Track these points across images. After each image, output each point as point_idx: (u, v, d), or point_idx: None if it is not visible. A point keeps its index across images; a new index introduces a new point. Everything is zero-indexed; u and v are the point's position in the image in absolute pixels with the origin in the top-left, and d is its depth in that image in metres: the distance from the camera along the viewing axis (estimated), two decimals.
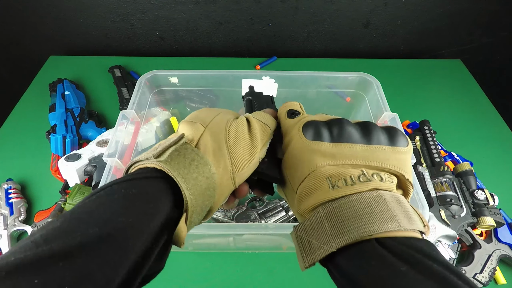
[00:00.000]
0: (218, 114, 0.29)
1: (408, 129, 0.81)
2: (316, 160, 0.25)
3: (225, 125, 0.28)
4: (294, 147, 0.27)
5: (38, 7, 0.93)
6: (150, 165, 0.23)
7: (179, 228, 0.22)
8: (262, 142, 0.28)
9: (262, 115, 0.31)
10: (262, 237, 0.56)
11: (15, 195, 0.66)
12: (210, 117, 0.28)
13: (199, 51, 1.07)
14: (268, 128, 0.30)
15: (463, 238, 0.59)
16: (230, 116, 0.29)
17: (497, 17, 0.96)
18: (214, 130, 0.27)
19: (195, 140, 0.26)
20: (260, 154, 0.28)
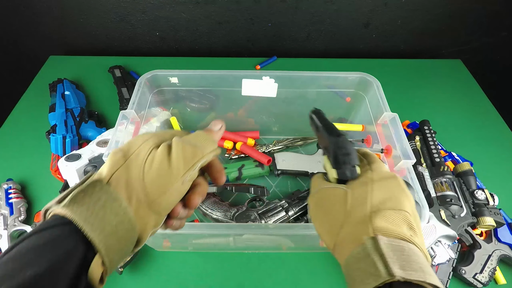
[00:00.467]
0: (145, 142, 0.29)
1: (408, 129, 0.81)
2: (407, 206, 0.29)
3: (145, 154, 0.28)
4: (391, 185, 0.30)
5: (38, 7, 0.93)
6: (55, 211, 0.24)
7: (91, 270, 0.23)
8: (186, 166, 0.28)
9: (195, 138, 0.31)
10: (262, 237, 0.56)
11: (15, 195, 0.66)
12: (135, 146, 0.29)
13: (199, 51, 1.07)
14: (198, 150, 0.30)
15: (463, 238, 0.59)
16: (153, 143, 0.29)
17: (497, 17, 0.96)
18: (132, 163, 0.27)
19: (107, 177, 0.26)
20: (184, 177, 0.28)
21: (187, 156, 0.29)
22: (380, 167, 0.33)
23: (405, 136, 0.53)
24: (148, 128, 0.66)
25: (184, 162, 0.28)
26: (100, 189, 0.25)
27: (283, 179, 0.73)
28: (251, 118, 0.78)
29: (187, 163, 0.29)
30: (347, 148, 0.32)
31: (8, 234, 0.61)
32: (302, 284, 0.58)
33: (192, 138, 0.31)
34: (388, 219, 0.27)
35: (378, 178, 0.30)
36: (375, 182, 0.30)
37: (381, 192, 0.29)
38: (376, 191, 0.29)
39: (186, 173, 0.28)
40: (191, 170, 0.29)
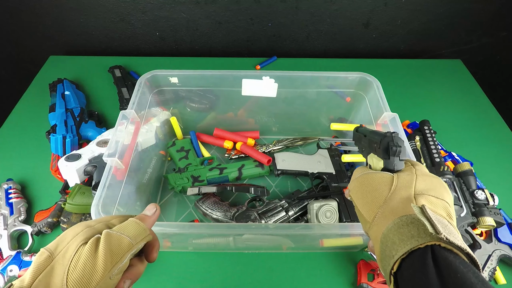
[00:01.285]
0: (74, 237, 0.29)
1: (408, 129, 0.81)
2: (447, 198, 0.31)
3: (72, 253, 0.28)
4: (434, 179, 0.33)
5: (38, 7, 0.93)
6: None
7: None
8: (114, 260, 0.28)
9: (125, 228, 0.31)
10: (262, 237, 0.56)
11: (15, 195, 0.66)
12: (64, 243, 0.28)
13: (199, 51, 1.07)
14: (127, 242, 0.30)
15: (463, 238, 0.59)
16: (83, 238, 0.29)
17: (497, 17, 0.96)
18: (58, 263, 0.27)
19: (29, 283, 0.26)
20: (112, 272, 0.28)
21: (115, 250, 0.28)
22: (423, 168, 0.36)
23: (405, 136, 0.53)
24: (148, 128, 0.66)
25: (111, 256, 0.28)
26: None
27: (283, 179, 0.73)
28: (251, 118, 0.78)
29: (115, 257, 0.28)
30: (399, 143, 0.36)
31: (8, 234, 0.61)
32: (302, 284, 0.58)
33: (122, 229, 0.31)
34: (431, 203, 0.30)
35: (422, 173, 0.33)
36: (420, 176, 0.33)
37: (425, 183, 0.32)
38: (420, 181, 0.32)
39: (113, 268, 0.28)
40: (119, 263, 0.29)
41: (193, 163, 0.72)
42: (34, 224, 0.63)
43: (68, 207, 0.61)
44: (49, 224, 0.62)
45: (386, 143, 0.36)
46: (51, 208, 0.65)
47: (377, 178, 0.34)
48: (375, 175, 0.35)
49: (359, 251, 0.63)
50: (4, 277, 0.56)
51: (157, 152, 0.72)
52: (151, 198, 0.66)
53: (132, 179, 0.56)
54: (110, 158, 0.50)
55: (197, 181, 0.69)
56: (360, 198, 0.35)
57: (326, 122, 0.78)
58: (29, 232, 0.62)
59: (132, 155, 0.57)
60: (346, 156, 0.60)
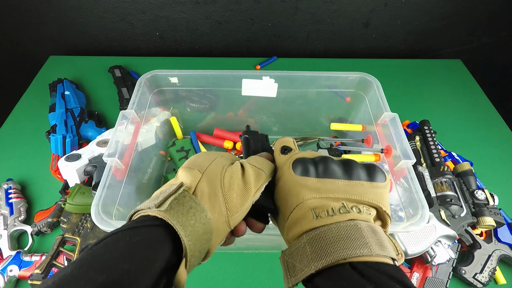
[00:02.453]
0: (215, 159, 0.31)
1: (408, 129, 0.81)
2: (303, 193, 0.28)
3: (221, 171, 0.30)
4: (285, 181, 0.30)
5: (38, 7, 0.93)
6: (152, 213, 0.25)
7: (179, 273, 0.24)
8: (255, 187, 0.30)
9: (257, 160, 0.33)
10: (262, 237, 0.56)
11: (15, 195, 0.66)
12: (207, 162, 0.31)
13: (199, 51, 1.07)
14: (263, 173, 0.32)
15: (463, 238, 0.59)
16: (226, 162, 0.31)
17: (497, 17, 0.96)
18: (210, 177, 0.29)
19: (192, 187, 0.28)
20: (254, 198, 0.30)
21: (257, 178, 0.31)
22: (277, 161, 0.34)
23: (405, 136, 0.53)
24: (148, 128, 0.66)
25: (255, 183, 0.30)
26: (190, 199, 0.27)
27: None
28: (251, 118, 0.78)
29: (257, 183, 0.30)
30: None
31: (8, 234, 0.61)
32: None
33: (256, 162, 0.33)
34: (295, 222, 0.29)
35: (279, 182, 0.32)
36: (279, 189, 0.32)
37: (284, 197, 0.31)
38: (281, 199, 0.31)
39: (255, 193, 0.30)
40: (259, 191, 0.31)
41: None
42: (34, 224, 0.63)
43: (68, 207, 0.61)
44: (49, 224, 0.62)
45: None
46: (51, 208, 0.65)
47: None
48: None
49: None
50: (4, 277, 0.56)
51: (157, 152, 0.72)
52: None
53: (132, 179, 0.56)
54: (110, 158, 0.50)
55: None
56: None
57: (326, 122, 0.78)
58: (29, 232, 0.62)
59: (132, 155, 0.57)
60: (346, 156, 0.60)
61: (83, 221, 0.62)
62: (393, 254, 0.24)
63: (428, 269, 0.58)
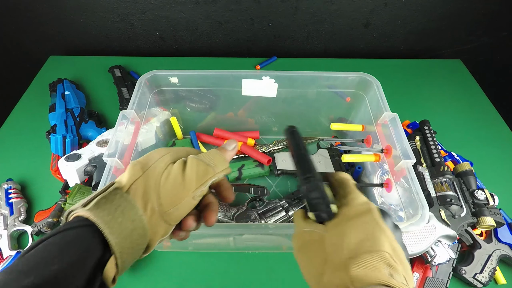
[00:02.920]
0: (163, 156, 0.32)
1: (408, 129, 0.81)
2: (384, 245, 0.27)
3: (162, 168, 0.31)
4: (365, 221, 0.29)
5: (38, 7, 0.93)
6: (79, 213, 0.27)
7: (106, 270, 0.25)
8: (198, 182, 0.31)
9: (208, 156, 0.33)
10: (262, 237, 0.56)
11: (15, 195, 0.66)
12: (153, 160, 0.32)
13: (199, 51, 1.07)
14: (210, 169, 0.32)
15: (463, 238, 0.59)
16: (173, 159, 0.32)
17: (497, 17, 0.96)
18: (149, 175, 0.30)
19: (127, 186, 0.29)
20: (195, 193, 0.31)
21: (199, 173, 0.31)
22: (356, 198, 0.32)
23: (405, 136, 0.53)
24: (148, 128, 0.66)
25: (196, 178, 0.31)
26: (120, 197, 0.28)
27: (283, 179, 0.73)
28: (251, 118, 0.78)
29: (199, 179, 0.31)
30: (318, 192, 0.31)
31: (8, 234, 0.61)
32: (302, 284, 0.58)
33: (206, 157, 0.33)
34: (366, 265, 0.27)
35: (354, 215, 0.30)
36: (350, 221, 0.29)
37: (357, 233, 0.28)
38: (352, 232, 0.28)
39: (197, 189, 0.31)
40: (202, 187, 0.31)
41: None
42: (34, 224, 0.63)
43: (68, 207, 0.61)
44: (49, 224, 0.62)
45: (305, 196, 0.31)
46: (51, 208, 0.65)
47: (311, 241, 0.31)
48: (309, 236, 0.31)
49: None
50: None
51: None
52: None
53: None
54: (110, 158, 0.50)
55: None
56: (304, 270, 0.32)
57: (326, 122, 0.78)
58: (29, 232, 0.62)
59: (132, 155, 0.57)
60: (346, 156, 0.60)
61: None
62: None
63: (428, 269, 0.58)
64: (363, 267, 0.26)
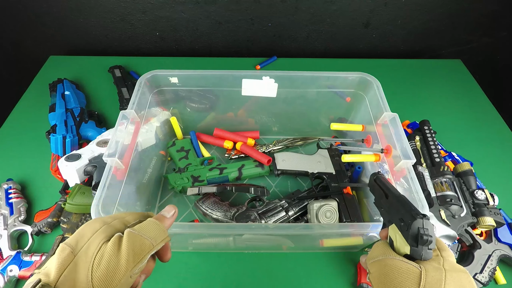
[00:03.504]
0: (95, 234, 0.30)
1: (408, 129, 0.81)
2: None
3: (94, 250, 0.28)
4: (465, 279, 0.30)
5: (38, 7, 0.93)
6: None
7: None
8: (135, 260, 0.29)
9: (146, 229, 0.32)
10: (262, 237, 0.56)
11: (15, 195, 0.66)
12: (84, 239, 0.29)
13: (199, 51, 1.07)
14: (148, 243, 0.31)
15: (463, 238, 0.59)
16: (104, 236, 0.30)
17: (497, 17, 0.96)
18: (81, 259, 0.28)
19: (55, 280, 0.26)
20: (133, 271, 0.29)
21: (137, 250, 0.30)
22: (451, 256, 0.33)
23: (405, 136, 0.53)
24: (148, 128, 0.66)
25: (134, 257, 0.29)
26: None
27: (283, 179, 0.73)
28: (251, 118, 0.78)
29: (137, 257, 0.30)
30: (430, 231, 0.32)
31: (8, 234, 0.61)
32: (302, 284, 0.58)
33: (143, 229, 0.32)
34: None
35: (450, 268, 0.31)
36: (448, 272, 0.30)
37: (454, 283, 0.29)
38: (449, 281, 0.29)
39: (135, 267, 0.29)
40: (140, 263, 0.30)
41: (193, 163, 0.72)
42: (34, 224, 0.63)
43: (68, 207, 0.61)
44: (49, 224, 0.62)
45: (416, 229, 0.32)
46: (51, 208, 0.65)
47: (402, 272, 0.31)
48: (400, 266, 0.32)
49: (359, 251, 0.63)
50: (4, 277, 0.56)
51: (157, 152, 0.72)
52: (151, 198, 0.66)
53: (132, 179, 0.56)
54: (110, 158, 0.50)
55: (197, 181, 0.69)
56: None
57: (326, 122, 0.78)
58: (29, 232, 0.62)
59: (132, 155, 0.57)
60: (346, 156, 0.60)
61: (83, 221, 0.62)
62: None
63: None
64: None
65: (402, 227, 0.34)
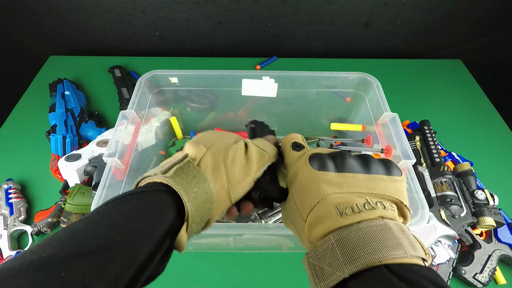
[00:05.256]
0: (220, 137, 0.33)
1: (408, 129, 0.81)
2: (324, 189, 0.27)
3: (225, 147, 0.31)
4: (302, 178, 0.29)
5: (38, 7, 0.93)
6: (157, 180, 0.27)
7: (180, 236, 0.26)
8: (258, 165, 0.32)
9: (262, 142, 0.35)
10: (262, 237, 0.56)
11: (15, 195, 0.66)
12: (213, 139, 0.32)
13: (199, 51, 1.07)
14: (266, 154, 0.34)
15: (463, 238, 0.59)
16: (230, 140, 0.33)
17: (497, 17, 0.96)
18: (215, 151, 0.30)
19: (197, 159, 0.29)
20: (255, 175, 0.32)
21: (258, 156, 0.33)
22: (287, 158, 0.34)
23: (405, 136, 0.53)
24: (148, 128, 0.66)
25: (257, 161, 0.32)
26: (194, 169, 0.28)
27: None
28: (251, 118, 0.77)
29: (259, 162, 0.32)
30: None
31: (8, 234, 0.61)
32: (301, 284, 0.58)
33: (260, 143, 0.35)
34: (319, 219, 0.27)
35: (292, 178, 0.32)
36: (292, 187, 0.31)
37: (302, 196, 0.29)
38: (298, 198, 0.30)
39: (257, 171, 0.32)
40: (260, 169, 0.32)
41: None
42: (34, 224, 0.63)
43: (68, 207, 0.61)
44: (49, 224, 0.62)
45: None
46: (51, 208, 0.65)
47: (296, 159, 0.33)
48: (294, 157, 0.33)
49: None
50: None
51: (157, 152, 0.72)
52: None
53: (132, 179, 0.56)
54: (110, 158, 0.50)
55: None
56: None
57: (326, 122, 0.78)
58: (29, 232, 0.62)
59: (132, 155, 0.57)
60: None
61: None
62: (423, 255, 0.23)
63: None
64: (316, 224, 0.26)
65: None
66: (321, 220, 0.26)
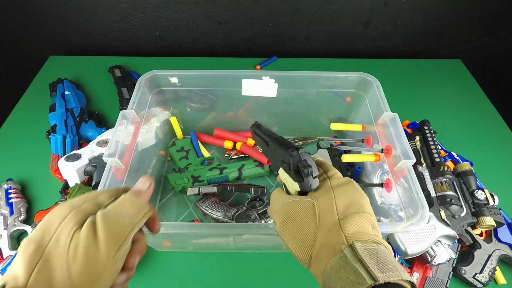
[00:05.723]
0: (63, 222, 0.25)
1: (408, 129, 0.81)
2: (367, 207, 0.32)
3: (66, 241, 0.24)
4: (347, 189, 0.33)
5: (38, 7, 0.93)
6: None
7: None
8: (116, 244, 0.26)
9: (122, 207, 0.28)
10: (262, 237, 0.56)
11: (15, 195, 0.66)
12: (51, 231, 0.25)
13: (199, 51, 1.07)
14: (127, 222, 0.27)
15: (463, 238, 0.59)
16: (74, 222, 0.25)
17: (497, 17, 0.96)
18: (51, 255, 0.24)
19: (24, 282, 0.22)
20: (117, 256, 0.26)
21: (116, 233, 0.26)
22: (336, 173, 0.36)
23: (405, 136, 0.53)
24: (148, 128, 0.66)
25: (114, 240, 0.25)
26: None
27: None
28: (251, 118, 0.78)
29: (118, 240, 0.26)
30: (307, 161, 0.33)
31: (8, 234, 0.61)
32: (302, 284, 0.58)
33: (119, 208, 0.28)
34: (356, 224, 0.30)
35: (337, 185, 0.33)
36: (335, 189, 0.33)
37: (343, 198, 0.32)
38: (338, 198, 0.32)
39: (118, 252, 0.26)
40: (123, 246, 0.26)
41: (193, 163, 0.72)
42: (34, 224, 0.63)
43: None
44: None
45: (296, 165, 0.33)
46: (51, 208, 0.65)
47: (299, 210, 0.32)
48: (295, 206, 0.33)
49: None
50: None
51: (157, 152, 0.72)
52: (151, 198, 0.66)
53: (132, 179, 0.56)
54: (110, 158, 0.50)
55: (197, 181, 0.69)
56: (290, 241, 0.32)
57: (326, 122, 0.78)
58: (29, 232, 0.62)
59: (132, 155, 0.57)
60: (346, 156, 0.60)
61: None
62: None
63: (428, 269, 0.58)
64: (354, 226, 0.30)
65: (285, 167, 0.36)
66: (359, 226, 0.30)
